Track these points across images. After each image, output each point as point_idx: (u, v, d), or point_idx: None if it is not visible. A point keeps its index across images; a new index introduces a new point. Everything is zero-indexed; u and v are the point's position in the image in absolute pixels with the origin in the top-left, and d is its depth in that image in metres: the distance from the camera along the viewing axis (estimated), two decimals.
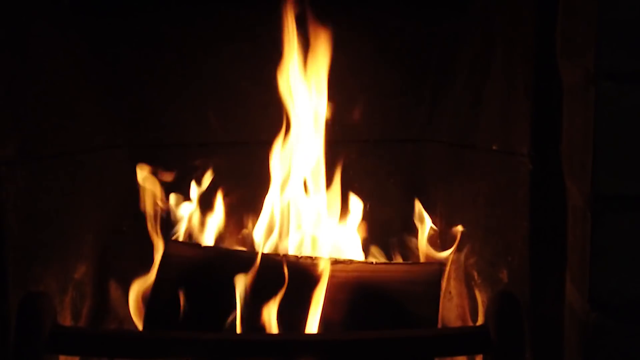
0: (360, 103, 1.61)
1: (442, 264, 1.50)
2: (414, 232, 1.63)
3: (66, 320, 1.47)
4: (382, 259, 1.59)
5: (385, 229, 1.64)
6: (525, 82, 1.24)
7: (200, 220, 1.63)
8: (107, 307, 1.64)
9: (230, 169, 1.66)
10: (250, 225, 1.63)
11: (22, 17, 1.34)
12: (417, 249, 1.61)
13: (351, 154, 1.67)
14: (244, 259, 1.43)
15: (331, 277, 1.40)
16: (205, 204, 1.64)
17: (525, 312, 1.18)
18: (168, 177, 1.61)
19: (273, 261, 1.43)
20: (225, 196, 1.64)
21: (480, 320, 1.44)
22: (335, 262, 1.44)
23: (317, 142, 1.56)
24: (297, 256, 1.46)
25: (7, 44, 1.29)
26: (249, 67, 1.60)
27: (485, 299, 1.43)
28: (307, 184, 1.57)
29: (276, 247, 1.56)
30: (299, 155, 1.56)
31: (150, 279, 1.48)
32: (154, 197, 1.59)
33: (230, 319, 1.36)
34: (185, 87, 1.65)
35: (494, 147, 1.38)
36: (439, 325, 1.42)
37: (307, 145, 1.56)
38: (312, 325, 1.35)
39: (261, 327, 1.35)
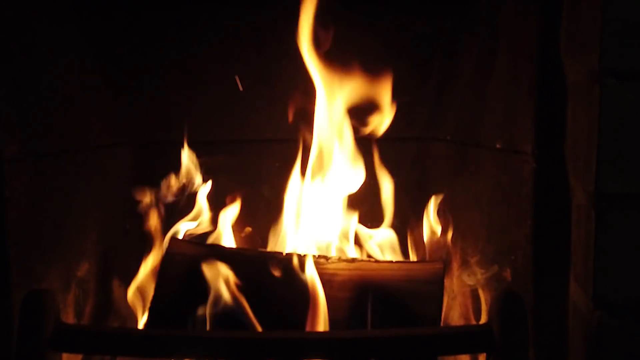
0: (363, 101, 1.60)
1: (444, 262, 1.50)
2: (416, 230, 1.63)
3: (69, 318, 1.47)
4: (385, 257, 1.59)
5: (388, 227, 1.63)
6: (530, 81, 1.24)
7: (204, 218, 1.63)
8: (110, 305, 1.64)
9: (234, 167, 1.66)
10: (253, 223, 1.63)
11: (26, 16, 1.34)
12: (420, 247, 1.61)
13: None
14: (247, 258, 1.43)
15: (335, 275, 1.40)
16: (209, 202, 1.64)
17: (528, 310, 1.18)
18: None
19: (276, 260, 1.43)
20: (229, 194, 1.64)
21: (483, 319, 1.44)
22: (338, 260, 1.44)
23: (320, 140, 1.55)
24: (300, 254, 1.46)
25: (12, 42, 1.29)
26: (253, 65, 1.60)
27: (489, 298, 1.43)
28: (310, 183, 1.57)
29: (279, 246, 1.56)
30: (302, 154, 1.56)
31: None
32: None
33: (233, 317, 1.36)
34: (189, 86, 1.65)
35: (498, 146, 1.38)
36: (442, 324, 1.42)
37: (310, 144, 1.55)
38: (315, 324, 1.35)
39: (264, 326, 1.36)
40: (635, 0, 1.01)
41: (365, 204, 1.63)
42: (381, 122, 1.56)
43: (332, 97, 1.54)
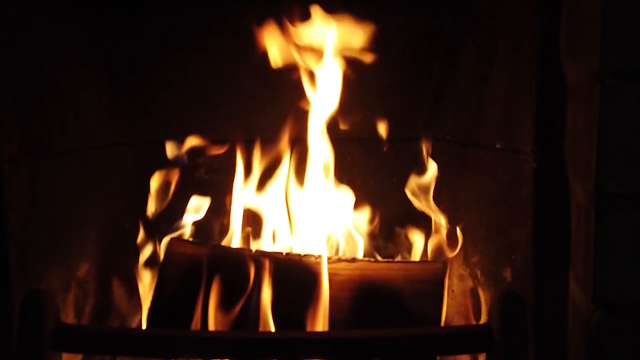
0: (363, 101, 1.60)
1: (445, 262, 1.50)
2: (417, 230, 1.63)
3: (69, 318, 1.47)
4: (386, 258, 1.59)
5: (389, 227, 1.64)
6: (529, 81, 1.24)
7: (204, 218, 1.63)
8: (110, 304, 1.64)
9: (234, 167, 1.66)
10: (253, 223, 1.62)
11: (25, 14, 1.34)
12: (420, 247, 1.61)
13: (354, 152, 1.67)
14: (246, 258, 1.43)
15: (334, 275, 1.40)
16: (209, 201, 1.64)
17: (529, 310, 1.18)
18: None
19: (276, 260, 1.43)
20: (228, 193, 1.64)
21: (483, 319, 1.44)
22: (338, 260, 1.44)
23: (321, 140, 1.55)
24: (300, 255, 1.46)
25: (11, 40, 1.29)
26: (253, 65, 1.60)
27: (489, 298, 1.43)
28: (310, 182, 1.57)
29: (279, 246, 1.56)
30: (303, 153, 1.56)
31: None
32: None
33: (233, 317, 1.36)
34: (189, 85, 1.65)
35: (498, 146, 1.38)
36: (442, 324, 1.42)
37: (310, 144, 1.56)
38: (315, 324, 1.35)
39: (265, 326, 1.36)
40: (635, 0, 1.01)
41: (365, 204, 1.64)
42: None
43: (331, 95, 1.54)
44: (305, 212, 1.57)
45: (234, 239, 1.60)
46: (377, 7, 1.55)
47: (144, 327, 1.47)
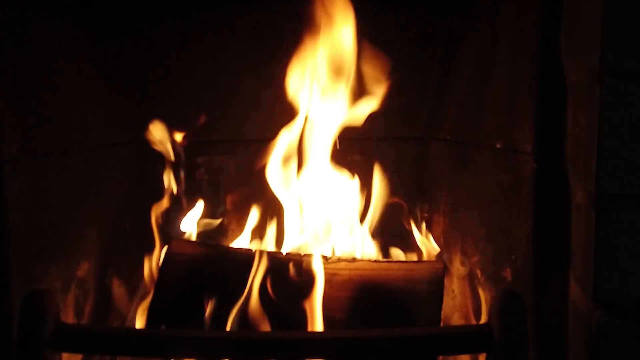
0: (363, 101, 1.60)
1: (444, 262, 1.50)
2: (417, 230, 1.63)
3: (69, 317, 1.47)
4: (385, 258, 1.59)
5: (389, 227, 1.63)
6: (530, 80, 1.24)
7: (204, 217, 1.63)
8: (110, 304, 1.64)
9: (234, 167, 1.67)
10: (253, 223, 1.62)
11: (25, 13, 1.34)
12: (420, 247, 1.61)
13: (354, 152, 1.67)
14: (247, 258, 1.43)
15: (334, 275, 1.40)
16: (209, 201, 1.64)
17: (528, 310, 1.18)
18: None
19: (276, 259, 1.43)
20: (229, 194, 1.64)
21: (483, 319, 1.44)
22: (338, 260, 1.44)
23: (321, 140, 1.55)
24: (300, 254, 1.46)
25: (10, 40, 1.29)
26: (253, 64, 1.60)
27: (489, 298, 1.43)
28: (310, 182, 1.57)
29: (280, 246, 1.56)
30: (303, 153, 1.56)
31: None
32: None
33: (233, 317, 1.36)
34: (189, 84, 1.65)
35: (498, 146, 1.38)
36: (442, 324, 1.41)
37: (311, 143, 1.55)
38: (315, 324, 1.35)
39: (265, 326, 1.36)
40: (635, 0, 1.01)
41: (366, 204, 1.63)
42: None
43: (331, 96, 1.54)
44: (306, 212, 1.57)
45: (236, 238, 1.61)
46: (377, 7, 1.54)
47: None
